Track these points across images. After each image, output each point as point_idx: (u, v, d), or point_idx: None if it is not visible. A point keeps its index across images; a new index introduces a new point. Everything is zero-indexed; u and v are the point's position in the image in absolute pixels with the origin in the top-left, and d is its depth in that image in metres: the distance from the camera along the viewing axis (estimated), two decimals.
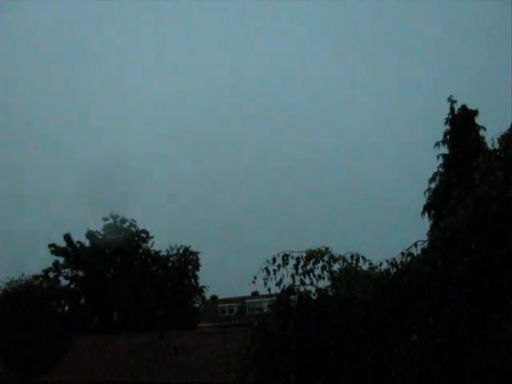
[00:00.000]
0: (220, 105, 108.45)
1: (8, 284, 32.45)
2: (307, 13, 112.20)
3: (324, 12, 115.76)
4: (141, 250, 37.90)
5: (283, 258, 11.82)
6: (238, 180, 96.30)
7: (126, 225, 37.56)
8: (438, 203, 26.60)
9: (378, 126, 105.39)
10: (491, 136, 10.97)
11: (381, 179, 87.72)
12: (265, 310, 29.95)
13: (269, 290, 11.77)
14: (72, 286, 36.14)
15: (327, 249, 11.93)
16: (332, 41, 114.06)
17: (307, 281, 11.69)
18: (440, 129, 28.42)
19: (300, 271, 11.67)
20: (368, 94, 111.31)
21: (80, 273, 36.34)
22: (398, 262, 11.26)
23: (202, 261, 39.38)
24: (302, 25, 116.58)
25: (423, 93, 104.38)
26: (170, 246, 39.05)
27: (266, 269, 11.71)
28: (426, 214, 28.11)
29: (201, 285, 39.57)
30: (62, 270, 36.16)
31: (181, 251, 38.95)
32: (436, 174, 28.32)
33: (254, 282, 11.78)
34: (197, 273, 39.25)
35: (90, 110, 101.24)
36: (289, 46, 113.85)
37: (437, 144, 28.16)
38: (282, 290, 11.69)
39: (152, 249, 38.38)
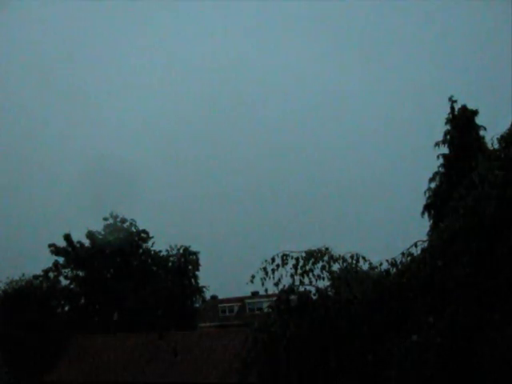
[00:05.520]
0: (220, 104, 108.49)
1: (8, 284, 32.42)
2: (307, 12, 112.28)
3: (324, 11, 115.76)
4: (141, 250, 37.82)
5: (282, 258, 11.83)
6: (238, 180, 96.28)
7: (125, 225, 37.49)
8: (438, 203, 26.61)
9: (378, 126, 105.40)
10: (491, 136, 11.00)
11: (381, 179, 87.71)
12: (265, 310, 29.91)
13: (266, 290, 11.78)
14: (72, 286, 36.05)
15: (327, 249, 11.95)
16: (331, 40, 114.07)
17: (307, 281, 11.70)
18: (440, 129, 28.46)
19: (299, 271, 11.68)
20: (367, 93, 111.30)
21: (80, 273, 36.25)
22: (398, 262, 11.27)
23: (201, 261, 39.41)
24: (302, 24, 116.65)
25: (423, 93, 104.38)
26: (170, 246, 38.97)
27: (265, 269, 11.72)
28: (426, 214, 28.11)
29: (201, 285, 39.59)
30: (62, 270, 36.05)
31: (181, 251, 38.94)
32: (436, 173, 28.34)
33: (251, 282, 11.80)
34: (197, 273, 39.25)
35: (91, 109, 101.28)
36: (288, 47, 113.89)
37: (437, 144, 28.15)
38: (282, 290, 11.70)
39: (152, 249, 38.35)
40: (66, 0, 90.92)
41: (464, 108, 28.20)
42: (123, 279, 35.10)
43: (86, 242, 36.60)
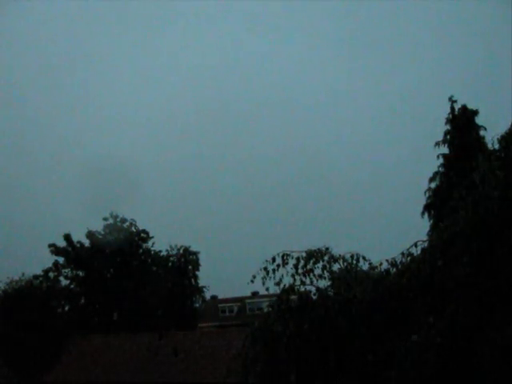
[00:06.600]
0: (221, 104, 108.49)
1: (8, 284, 32.41)
2: (308, 12, 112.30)
3: (324, 11, 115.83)
4: (141, 250, 37.81)
5: (283, 257, 11.82)
6: (238, 180, 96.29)
7: (125, 225, 37.46)
8: (438, 203, 26.62)
9: (378, 126, 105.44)
10: (491, 136, 11.00)
11: (381, 179, 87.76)
12: (265, 310, 29.91)
13: (267, 289, 11.78)
14: (72, 286, 36.03)
15: (327, 249, 11.95)
16: (331, 40, 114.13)
17: (308, 281, 11.70)
18: (440, 129, 28.50)
19: (300, 271, 11.68)
20: (368, 93, 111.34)
21: (80, 273, 36.23)
22: (398, 262, 11.27)
23: (201, 261, 39.45)
24: (302, 24, 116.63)
25: (423, 93, 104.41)
26: (170, 246, 39.01)
27: (265, 268, 11.72)
28: (426, 214, 28.15)
29: (201, 285, 39.61)
30: (62, 270, 36.03)
31: (181, 251, 38.96)
32: (436, 173, 28.37)
33: (252, 282, 11.80)
34: (197, 273, 39.27)
35: (91, 108, 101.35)
36: (289, 46, 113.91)
37: (437, 144, 28.20)
38: (283, 290, 11.70)
39: (152, 249, 38.34)
40: (66, 1, 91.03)
41: (464, 108, 28.24)
42: (123, 279, 35.08)
43: (86, 242, 36.58)
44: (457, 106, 28.37)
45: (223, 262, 62.68)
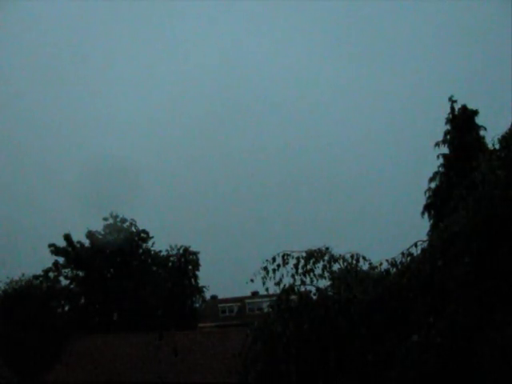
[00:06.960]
0: (220, 103, 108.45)
1: (8, 284, 32.43)
2: (308, 12, 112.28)
3: (324, 11, 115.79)
4: (141, 250, 37.86)
5: (283, 257, 11.82)
6: (238, 180, 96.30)
7: (125, 225, 37.51)
8: (438, 203, 26.65)
9: (378, 126, 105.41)
10: (491, 136, 11.00)
11: (381, 179, 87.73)
12: (265, 310, 29.95)
13: (266, 289, 11.77)
14: (72, 286, 36.06)
15: (327, 249, 11.94)
16: (331, 40, 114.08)
17: (308, 280, 11.70)
18: (440, 129, 28.53)
19: (300, 271, 11.67)
20: (368, 93, 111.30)
21: (80, 273, 36.27)
22: (398, 262, 11.27)
23: (201, 261, 39.49)
24: (302, 24, 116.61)
25: (423, 93, 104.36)
26: (170, 246, 39.12)
27: (265, 268, 11.72)
28: (426, 214, 28.17)
29: (201, 285, 39.64)
30: (62, 270, 36.08)
31: (181, 251, 39.00)
32: (436, 173, 28.38)
33: (252, 281, 11.79)
34: (197, 273, 39.33)
35: (91, 108, 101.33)
36: (290, 46, 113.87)
37: (437, 144, 28.22)
38: (283, 290, 11.69)
39: (152, 249, 38.38)
40: (66, 1, 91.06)
41: (464, 108, 28.27)
42: (123, 279, 35.10)
43: (86, 242, 36.61)
44: (457, 106, 28.40)
45: (223, 262, 62.70)
